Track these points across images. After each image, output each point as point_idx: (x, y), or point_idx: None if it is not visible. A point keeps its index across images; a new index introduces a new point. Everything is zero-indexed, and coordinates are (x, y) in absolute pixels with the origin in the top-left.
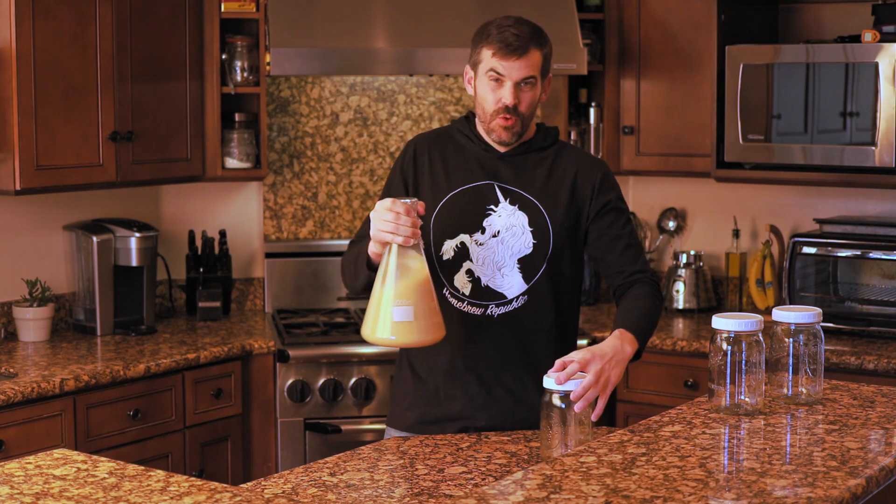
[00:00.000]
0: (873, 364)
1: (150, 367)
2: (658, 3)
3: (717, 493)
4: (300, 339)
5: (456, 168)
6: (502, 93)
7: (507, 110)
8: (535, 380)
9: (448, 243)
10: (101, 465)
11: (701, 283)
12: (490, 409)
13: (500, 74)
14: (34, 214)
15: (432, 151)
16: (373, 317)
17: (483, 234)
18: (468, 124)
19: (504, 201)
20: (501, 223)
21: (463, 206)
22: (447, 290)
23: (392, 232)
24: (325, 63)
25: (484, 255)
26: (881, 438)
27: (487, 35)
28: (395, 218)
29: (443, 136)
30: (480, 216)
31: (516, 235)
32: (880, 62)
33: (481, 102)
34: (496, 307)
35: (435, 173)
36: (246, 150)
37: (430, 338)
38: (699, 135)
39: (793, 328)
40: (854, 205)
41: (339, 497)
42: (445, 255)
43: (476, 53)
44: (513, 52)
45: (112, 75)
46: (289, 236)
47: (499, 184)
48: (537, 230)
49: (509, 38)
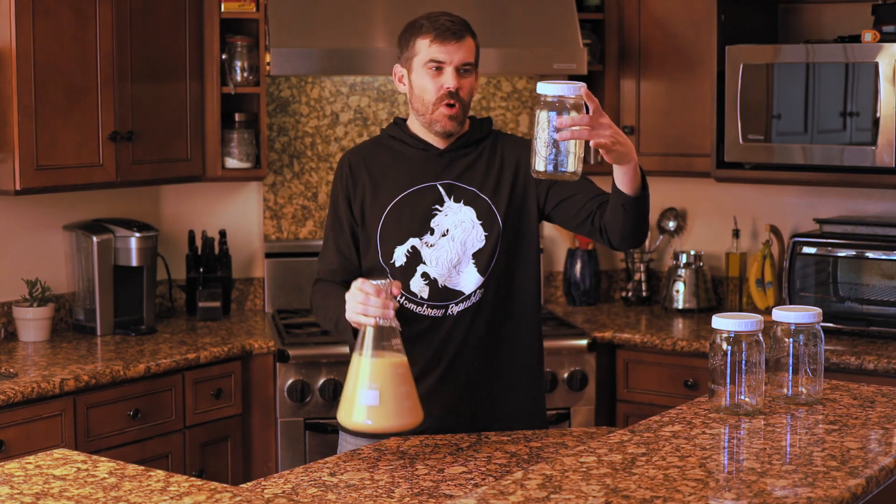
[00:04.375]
0: (873, 364)
1: (150, 367)
2: (658, 3)
3: (717, 493)
4: (300, 339)
5: (395, 175)
6: (443, 79)
7: (450, 96)
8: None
9: (399, 249)
10: (101, 465)
11: (701, 283)
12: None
13: (440, 62)
14: (34, 214)
15: (368, 164)
16: (344, 399)
17: (432, 235)
18: (400, 128)
19: (448, 199)
20: (449, 221)
21: (408, 211)
22: (403, 297)
23: (362, 313)
24: (325, 63)
25: (437, 255)
26: (881, 438)
27: (420, 27)
28: (364, 299)
29: (375, 146)
30: (427, 217)
31: (466, 231)
32: (880, 62)
33: (420, 95)
34: (455, 305)
35: (375, 184)
36: (246, 150)
37: (399, 423)
38: (699, 135)
39: (793, 328)
40: (854, 205)
41: (339, 497)
42: (398, 262)
43: (409, 48)
44: (451, 37)
45: (112, 75)
46: (289, 236)
47: (441, 182)
48: (486, 222)
49: (445, 24)
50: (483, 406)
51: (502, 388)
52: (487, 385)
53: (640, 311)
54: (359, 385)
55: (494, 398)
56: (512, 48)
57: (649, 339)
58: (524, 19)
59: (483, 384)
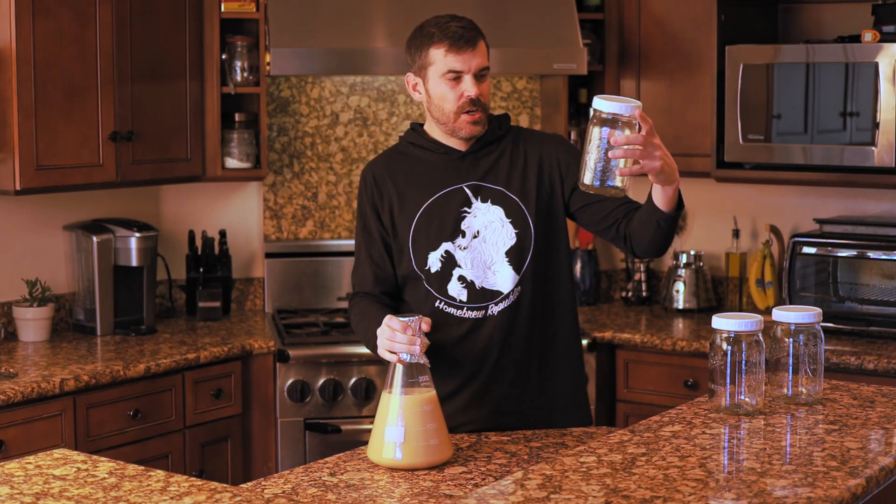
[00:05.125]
0: (873, 364)
1: (150, 367)
2: (658, 3)
3: (717, 493)
4: (300, 339)
5: (420, 181)
6: (463, 87)
7: (472, 103)
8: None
9: (432, 255)
10: (101, 465)
11: (701, 283)
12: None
13: (459, 70)
14: (34, 214)
15: (391, 173)
16: (373, 435)
17: (464, 238)
18: (419, 135)
19: (476, 200)
20: (479, 222)
21: (437, 216)
22: (441, 301)
23: (388, 349)
24: (325, 63)
25: (471, 257)
26: (881, 438)
27: (430, 36)
28: (392, 335)
29: (395, 155)
30: (457, 220)
31: (497, 230)
32: (880, 62)
33: (440, 104)
34: (494, 305)
35: (401, 193)
36: (246, 150)
37: (426, 460)
38: (699, 135)
39: (793, 328)
40: (854, 205)
41: (339, 497)
42: (433, 268)
43: (422, 57)
44: (466, 45)
45: (112, 75)
46: (289, 236)
47: (466, 184)
48: (516, 219)
49: (458, 32)
50: (532, 401)
51: (548, 382)
52: (533, 380)
53: (640, 311)
54: (387, 422)
55: (541, 393)
56: (512, 48)
57: (649, 339)
58: (524, 19)
59: (529, 379)
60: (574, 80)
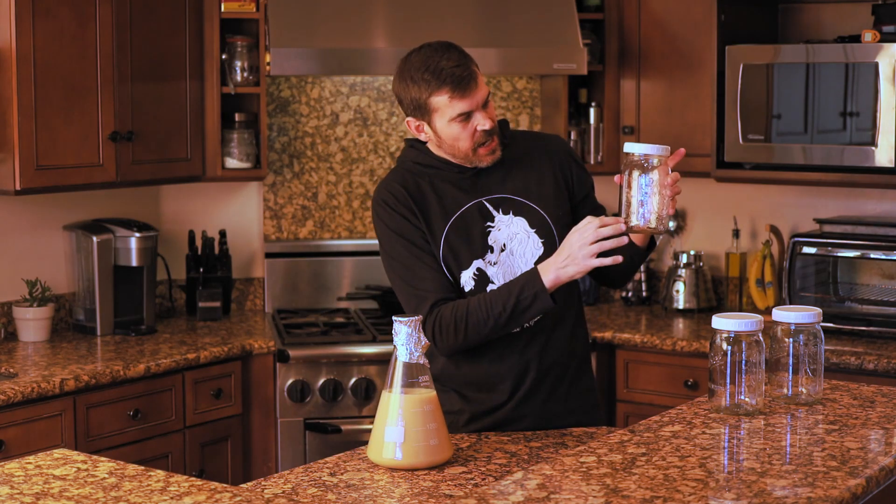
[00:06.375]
0: (873, 364)
1: (150, 367)
2: (658, 4)
3: (717, 493)
4: (300, 339)
5: (439, 201)
6: (475, 123)
7: (486, 135)
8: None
9: (465, 274)
10: (101, 465)
11: (701, 283)
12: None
13: (468, 112)
14: (34, 214)
15: (419, 188)
16: (373, 435)
17: (493, 253)
18: (426, 155)
19: (498, 213)
20: (503, 236)
21: (463, 234)
22: None
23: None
24: (325, 63)
25: (502, 272)
26: (881, 438)
27: (427, 83)
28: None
29: (407, 175)
30: (483, 237)
31: (523, 242)
32: (880, 62)
33: (454, 143)
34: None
35: (425, 214)
36: (246, 150)
37: (426, 460)
38: (699, 135)
39: (793, 328)
40: (854, 205)
41: (339, 497)
42: (467, 287)
43: (423, 106)
44: (467, 86)
45: (112, 75)
46: (289, 236)
47: (486, 199)
48: (540, 228)
49: (456, 73)
50: (574, 398)
51: (580, 379)
52: (569, 379)
53: (640, 311)
54: (387, 422)
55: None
56: (512, 48)
57: (649, 339)
58: (524, 19)
59: (566, 379)
60: (574, 80)
